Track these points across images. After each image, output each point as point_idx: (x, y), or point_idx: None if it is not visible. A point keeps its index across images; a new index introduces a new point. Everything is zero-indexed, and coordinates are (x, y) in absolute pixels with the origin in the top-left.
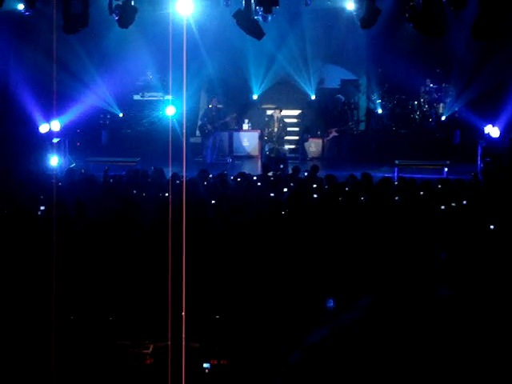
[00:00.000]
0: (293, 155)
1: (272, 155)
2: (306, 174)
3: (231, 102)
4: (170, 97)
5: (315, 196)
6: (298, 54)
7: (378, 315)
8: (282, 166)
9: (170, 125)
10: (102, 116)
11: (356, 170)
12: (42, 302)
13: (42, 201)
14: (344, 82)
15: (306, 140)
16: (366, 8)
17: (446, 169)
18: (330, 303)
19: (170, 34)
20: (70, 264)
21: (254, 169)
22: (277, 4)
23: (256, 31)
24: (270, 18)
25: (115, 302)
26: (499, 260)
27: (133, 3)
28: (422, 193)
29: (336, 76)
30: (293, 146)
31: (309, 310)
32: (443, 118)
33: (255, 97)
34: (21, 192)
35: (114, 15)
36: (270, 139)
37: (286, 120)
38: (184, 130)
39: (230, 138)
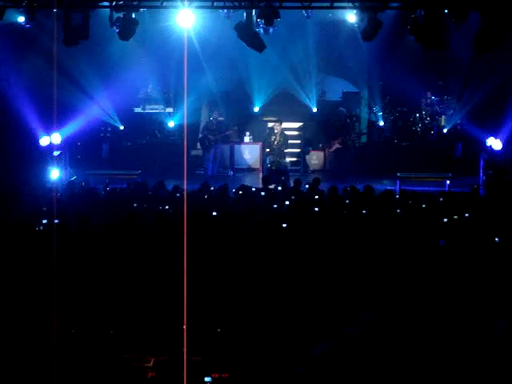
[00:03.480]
0: (294, 168)
1: (273, 168)
2: (307, 186)
3: (232, 115)
4: (170, 109)
5: (317, 209)
6: (300, 66)
7: (380, 329)
8: (283, 179)
9: (171, 138)
10: (102, 129)
11: (358, 182)
12: (44, 315)
13: (42, 214)
14: (345, 95)
15: (308, 152)
16: (367, 20)
17: (448, 181)
18: None
19: (171, 46)
20: (71, 277)
21: (256, 181)
22: (278, 16)
23: (257, 43)
24: (271, 31)
25: (116, 315)
26: (502, 272)
27: (134, 16)
28: (423, 205)
29: (337, 88)
30: (294, 159)
31: (311, 322)
32: (445, 130)
33: (256, 109)
34: (21, 205)
35: (114, 28)
36: (271, 152)
37: (288, 132)
38: (185, 143)
39: (231, 150)
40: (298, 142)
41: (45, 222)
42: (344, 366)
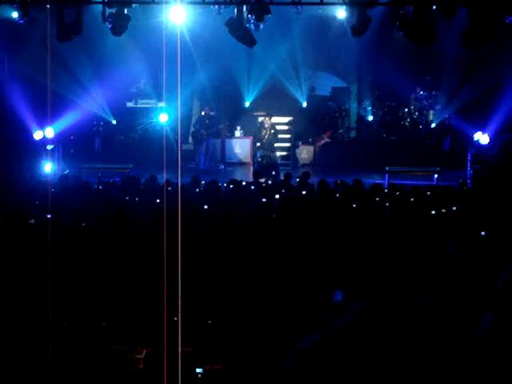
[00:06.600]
0: (284, 162)
1: (264, 162)
2: (297, 180)
3: (223, 109)
4: (162, 104)
5: (306, 202)
6: (290, 61)
7: (369, 321)
8: (273, 173)
9: (164, 132)
10: (95, 123)
11: (347, 176)
12: (38, 307)
13: (36, 207)
14: (335, 90)
15: (298, 147)
16: (356, 16)
17: (436, 175)
18: (338, 296)
19: (163, 41)
20: (65, 270)
21: (246, 175)
22: (268, 12)
23: (248, 39)
24: (261, 26)
25: (109, 307)
26: (487, 266)
27: (126, 11)
28: (412, 199)
29: (327, 83)
30: (284, 153)
31: (301, 314)
32: (433, 125)
33: (247, 104)
34: (15, 199)
35: (107, 23)
36: (262, 146)
37: (278, 127)
38: (179, 137)
39: (223, 144)
40: (288, 136)
41: (38, 215)
42: (333, 358)
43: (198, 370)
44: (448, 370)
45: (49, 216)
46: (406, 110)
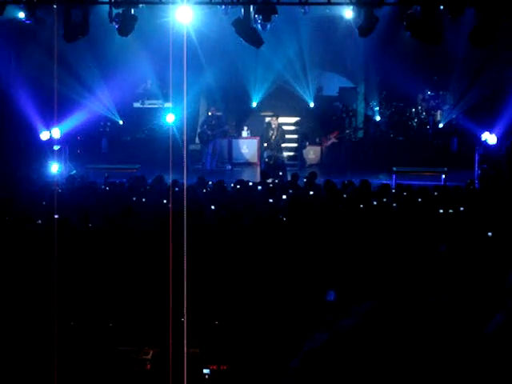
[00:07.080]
0: (291, 162)
1: (271, 162)
2: (304, 180)
3: (230, 110)
4: (169, 104)
5: (314, 202)
6: (297, 61)
7: (377, 321)
8: (280, 173)
9: (170, 132)
10: (102, 123)
11: (354, 176)
12: (44, 308)
13: (42, 208)
14: (342, 90)
15: (305, 147)
16: (364, 16)
17: (444, 176)
18: (331, 296)
19: (170, 42)
20: (71, 271)
21: (254, 176)
22: (276, 12)
23: (255, 39)
24: (268, 27)
25: (115, 308)
26: (495, 266)
27: (133, 12)
28: (419, 199)
29: (334, 84)
30: (291, 153)
31: (308, 315)
32: (441, 125)
33: (254, 104)
34: (22, 199)
35: (114, 23)
36: (269, 146)
37: (285, 127)
38: (185, 137)
39: (230, 145)
40: (295, 136)
41: (45, 215)
42: (341, 359)
43: (205, 371)
44: (460, 369)
45: (56, 216)
46: (414, 110)
